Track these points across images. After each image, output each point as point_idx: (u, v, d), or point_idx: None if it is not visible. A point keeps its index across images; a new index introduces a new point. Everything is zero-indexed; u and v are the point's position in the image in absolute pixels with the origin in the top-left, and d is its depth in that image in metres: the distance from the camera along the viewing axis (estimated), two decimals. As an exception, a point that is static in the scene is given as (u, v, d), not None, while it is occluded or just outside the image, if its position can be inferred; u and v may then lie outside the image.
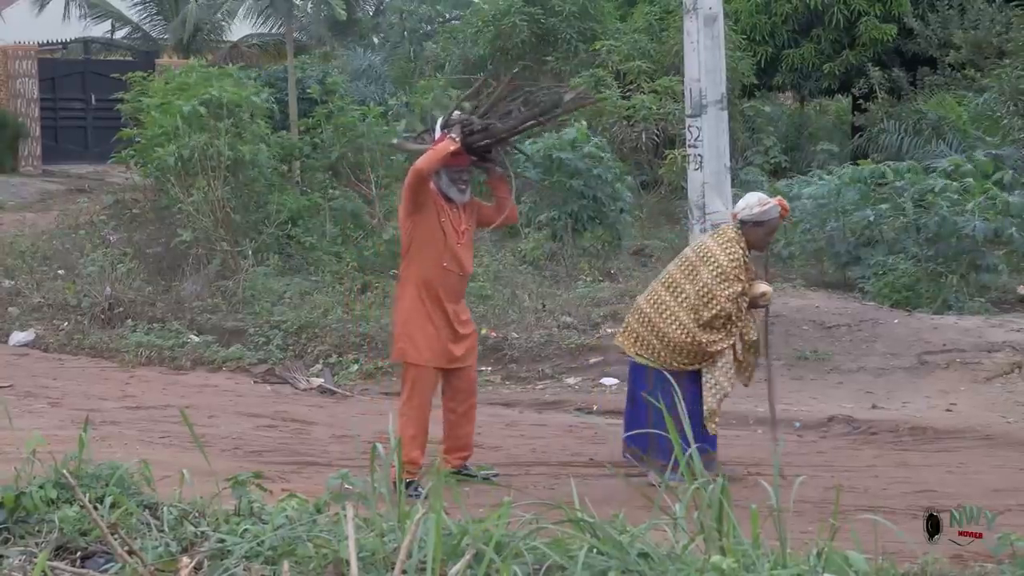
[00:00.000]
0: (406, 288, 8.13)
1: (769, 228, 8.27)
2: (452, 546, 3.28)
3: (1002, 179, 16.77)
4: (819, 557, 3.31)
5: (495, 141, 8.15)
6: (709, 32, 14.33)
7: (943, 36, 26.76)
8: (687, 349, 8.04)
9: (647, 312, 8.24)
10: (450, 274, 8.08)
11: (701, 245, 8.35)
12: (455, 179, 8.07)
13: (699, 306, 7.99)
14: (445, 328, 8.08)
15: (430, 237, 8.00)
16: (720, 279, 8.00)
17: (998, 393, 10.93)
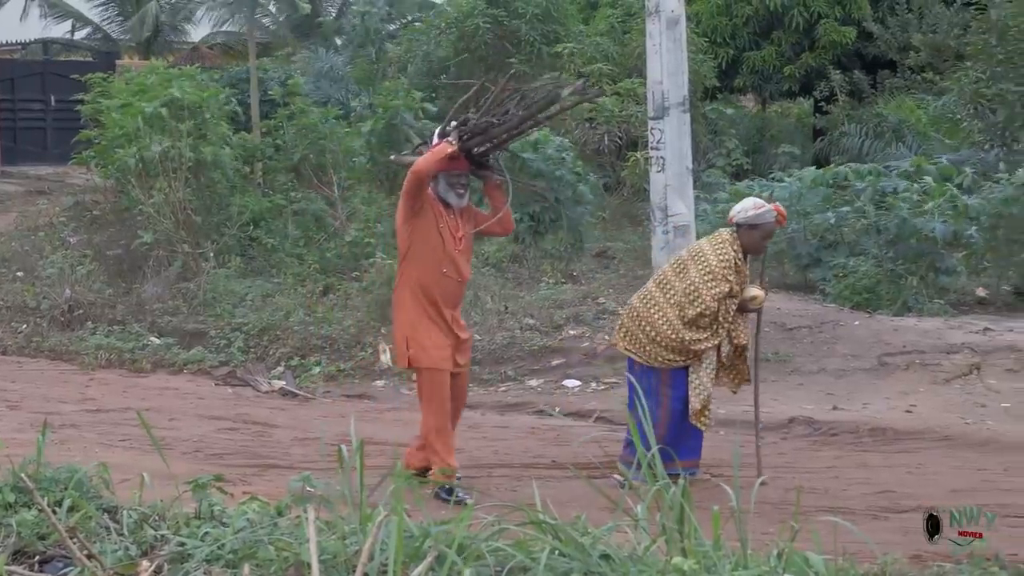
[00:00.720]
0: (404, 294, 8.10)
1: (764, 232, 8.28)
2: (414, 548, 3.28)
3: (962, 182, 16.91)
4: (779, 558, 3.32)
5: (494, 145, 8.13)
6: (671, 34, 14.38)
7: (902, 39, 26.96)
8: (672, 345, 8.09)
9: (637, 308, 8.33)
10: (448, 280, 8.06)
11: (695, 246, 8.47)
12: (453, 184, 8.05)
13: (684, 303, 8.04)
14: (447, 333, 8.08)
15: (428, 243, 7.97)
16: (708, 278, 8.04)
17: (957, 394, 11.01)
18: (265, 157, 18.58)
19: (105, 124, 17.29)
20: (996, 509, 7.35)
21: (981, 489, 8.02)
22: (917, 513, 7.40)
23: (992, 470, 8.67)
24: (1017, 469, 8.71)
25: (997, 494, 7.85)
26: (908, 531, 6.92)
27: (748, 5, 25.85)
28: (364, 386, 12.48)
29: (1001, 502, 7.61)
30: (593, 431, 9.99)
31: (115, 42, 35.30)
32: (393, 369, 12.72)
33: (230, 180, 17.01)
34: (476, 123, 7.96)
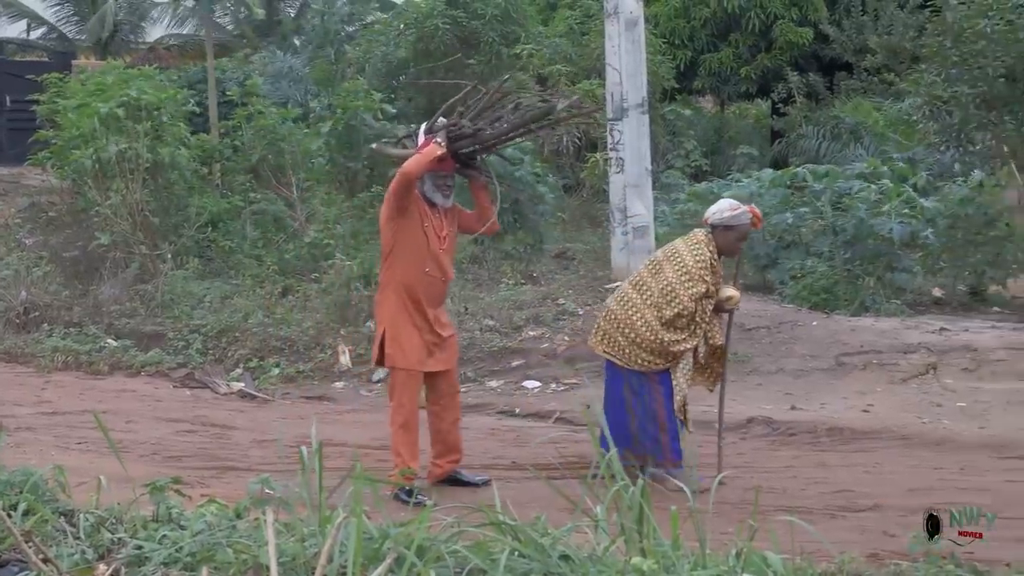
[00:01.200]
0: (387, 293, 8.08)
1: (739, 233, 8.31)
2: (373, 550, 3.27)
3: (917, 183, 17.04)
4: (738, 557, 3.34)
5: (481, 148, 8.12)
6: (630, 36, 14.45)
7: (858, 41, 27.18)
8: (651, 347, 8.09)
9: (615, 310, 8.33)
10: (432, 279, 8.05)
11: (670, 246, 8.43)
12: (439, 184, 8.05)
13: (662, 304, 8.04)
14: (427, 331, 8.07)
15: (413, 242, 7.96)
16: (684, 278, 8.04)
17: (913, 394, 11.08)
18: (223, 158, 18.50)
19: (61, 125, 17.15)
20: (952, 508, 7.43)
21: (937, 488, 8.09)
22: (874, 512, 7.48)
23: (948, 469, 8.74)
24: (973, 468, 8.79)
25: (953, 493, 7.92)
26: (865, 530, 6.98)
27: (706, 7, 25.97)
28: (323, 388, 12.44)
29: (957, 501, 7.65)
30: (553, 432, 10.00)
31: (71, 42, 35.01)
32: (352, 370, 12.71)
33: (188, 181, 16.91)
34: (467, 126, 7.94)
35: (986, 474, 8.59)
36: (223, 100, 20.14)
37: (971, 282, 16.06)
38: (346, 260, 14.03)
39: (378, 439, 9.83)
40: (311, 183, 17.88)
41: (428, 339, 8.07)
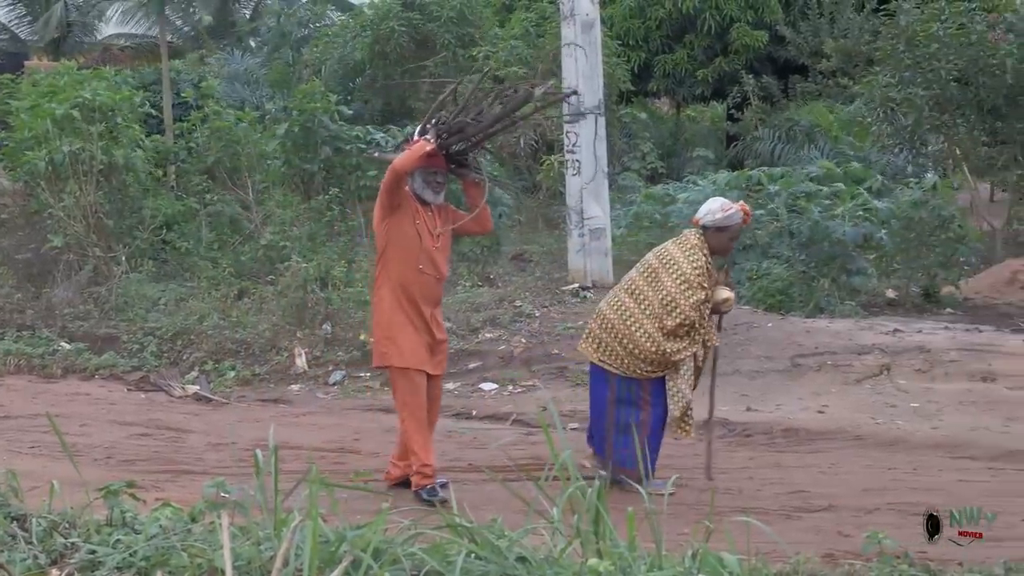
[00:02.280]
0: (383, 291, 8.03)
1: (732, 233, 8.22)
2: (329, 553, 3.26)
3: (871, 185, 17.18)
4: (694, 558, 3.35)
5: (471, 144, 8.10)
6: (586, 38, 14.48)
7: (814, 44, 27.35)
8: (651, 358, 8.00)
9: (611, 319, 8.19)
10: (426, 277, 8.00)
11: (663, 251, 8.29)
12: (429, 181, 8.02)
13: (663, 315, 7.93)
14: (424, 332, 8.02)
15: (405, 240, 7.92)
16: (684, 287, 7.94)
17: (868, 394, 11.16)
18: (178, 160, 18.41)
19: (13, 126, 17.00)
20: (905, 508, 7.51)
21: (891, 488, 8.15)
22: (829, 512, 7.53)
23: (902, 469, 8.81)
24: (925, 468, 8.86)
25: (906, 492, 7.98)
26: (820, 530, 7.02)
27: (661, 8, 26.03)
28: (279, 390, 12.39)
29: (910, 500, 7.73)
30: (509, 434, 10.00)
31: (23, 43, 34.73)
32: (309, 373, 12.67)
33: (142, 183, 16.80)
34: (452, 122, 7.93)
35: (939, 474, 8.67)
36: (178, 102, 20.03)
37: (924, 283, 16.20)
38: (302, 262, 13.98)
39: (334, 441, 9.81)
40: (267, 185, 17.81)
41: (426, 339, 8.03)
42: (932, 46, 19.72)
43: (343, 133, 17.62)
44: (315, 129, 17.15)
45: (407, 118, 22.83)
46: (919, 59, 19.88)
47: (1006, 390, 11.12)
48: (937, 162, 21.92)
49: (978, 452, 9.32)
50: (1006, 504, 7.62)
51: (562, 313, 13.95)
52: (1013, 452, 9.24)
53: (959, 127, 20.48)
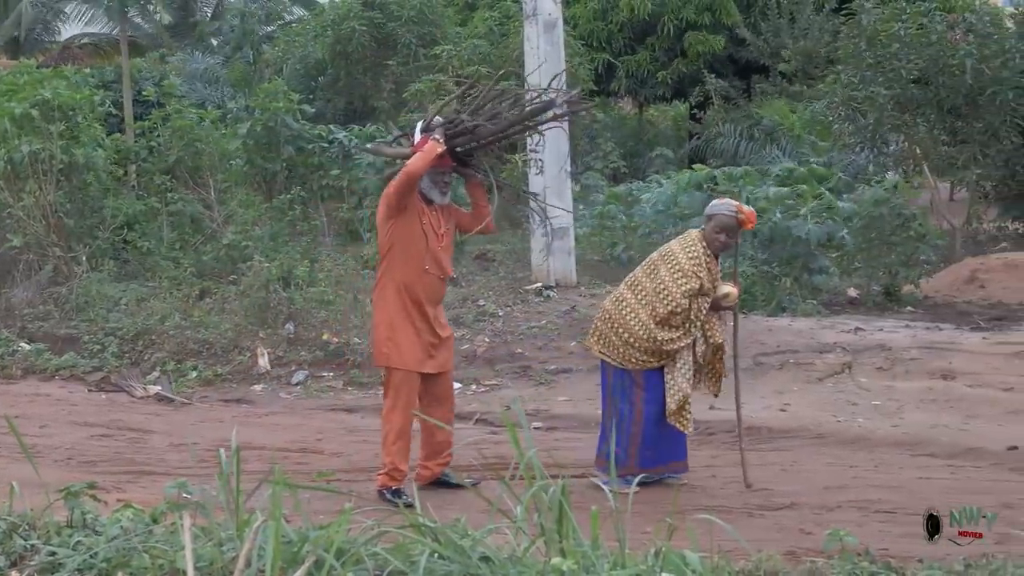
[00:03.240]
0: (386, 292, 7.96)
1: (718, 224, 8.12)
2: (292, 553, 3.25)
3: (834, 184, 17.28)
4: (657, 557, 3.36)
5: (479, 144, 8.05)
6: (549, 38, 14.50)
7: (774, 44, 27.48)
8: (645, 346, 8.00)
9: (609, 310, 8.24)
10: (431, 277, 7.95)
11: (665, 247, 8.33)
12: (436, 181, 7.97)
13: (655, 302, 7.95)
14: (427, 331, 7.97)
15: (411, 240, 7.87)
16: (678, 275, 7.94)
17: (829, 393, 11.22)
18: (139, 159, 18.30)
19: (-29, 126, 16.87)
20: (866, 505, 7.56)
21: (852, 485, 8.19)
22: (791, 510, 7.56)
23: (863, 467, 8.86)
24: (886, 465, 8.91)
25: (867, 490, 8.03)
26: (782, 528, 7.05)
27: (623, 11, 26.11)
28: (242, 390, 12.34)
29: (871, 498, 7.78)
30: (473, 434, 9.99)
31: (-19, 42, 34.45)
32: (271, 373, 12.62)
33: (103, 182, 16.71)
34: (465, 123, 7.88)
35: (899, 471, 8.72)
36: (138, 100, 19.92)
37: (885, 282, 16.31)
38: (265, 262, 13.94)
39: (297, 442, 9.78)
40: (229, 185, 17.75)
41: (427, 339, 7.97)
42: (893, 46, 19.87)
43: (305, 132, 17.59)
44: (277, 128, 17.10)
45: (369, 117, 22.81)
46: (880, 59, 20.03)
47: (966, 388, 11.21)
48: (898, 161, 22.09)
49: (938, 450, 9.39)
50: (965, 501, 7.66)
51: (525, 312, 13.96)
52: (973, 450, 9.32)
53: (919, 127, 20.64)
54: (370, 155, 16.57)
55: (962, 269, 18.40)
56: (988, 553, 4.84)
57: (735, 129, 25.50)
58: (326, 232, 17.75)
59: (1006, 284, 17.46)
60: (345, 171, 17.54)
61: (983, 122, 19.93)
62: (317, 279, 14.01)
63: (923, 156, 21.37)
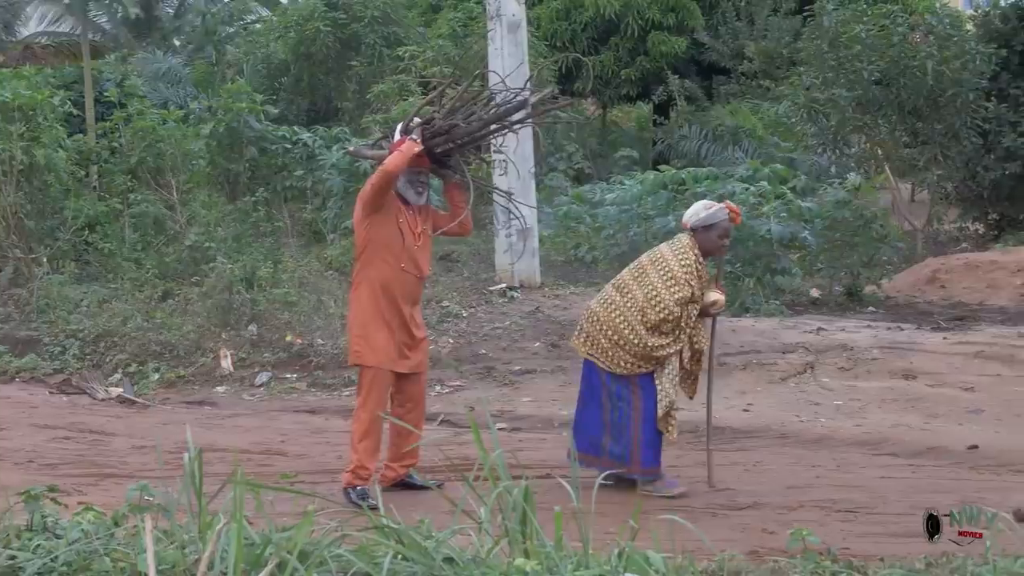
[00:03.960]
0: (361, 291, 7.93)
1: (720, 231, 8.12)
2: (255, 556, 3.24)
3: (796, 185, 17.37)
4: (620, 557, 3.36)
5: (457, 145, 8.03)
6: (513, 38, 14.52)
7: (735, 46, 27.61)
8: (634, 351, 7.96)
9: (597, 312, 8.15)
10: (408, 276, 7.92)
11: (655, 252, 8.24)
12: (413, 181, 7.93)
13: (646, 308, 7.88)
14: (402, 331, 7.93)
15: (388, 239, 7.83)
16: (670, 283, 7.87)
17: (792, 393, 11.28)
18: (101, 160, 18.19)
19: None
20: (828, 505, 7.59)
21: (815, 485, 8.23)
22: (754, 510, 7.59)
23: (825, 466, 8.90)
24: (849, 465, 8.97)
25: (830, 490, 8.07)
26: (745, 528, 7.07)
27: (586, 11, 26.16)
28: (205, 392, 12.28)
29: (833, 497, 7.82)
30: (438, 435, 9.98)
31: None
32: (235, 375, 12.57)
33: (64, 183, 16.60)
34: (441, 123, 7.87)
35: (861, 471, 8.77)
36: (100, 100, 19.80)
37: (847, 282, 16.40)
38: (228, 263, 13.88)
39: (261, 444, 9.74)
40: (192, 186, 17.67)
41: (401, 339, 7.94)
42: (854, 47, 20.01)
43: (269, 133, 17.53)
44: (240, 129, 17.03)
45: (333, 118, 22.75)
46: (841, 60, 20.16)
47: (926, 387, 11.29)
48: (860, 162, 22.23)
49: (900, 449, 9.45)
50: (926, 500, 7.72)
51: (489, 313, 13.97)
52: (933, 448, 9.39)
53: (881, 128, 20.79)
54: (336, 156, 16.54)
55: (923, 269, 18.54)
56: (948, 552, 4.87)
57: (699, 131, 25.59)
58: (290, 233, 17.71)
59: (967, 284, 17.61)
60: (309, 172, 17.50)
61: (944, 123, 20.10)
62: (281, 280, 13.97)
63: (885, 157, 21.52)
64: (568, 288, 15.52)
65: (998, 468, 8.77)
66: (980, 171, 21.22)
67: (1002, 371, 11.73)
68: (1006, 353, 12.16)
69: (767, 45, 27.02)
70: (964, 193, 22.20)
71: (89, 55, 21.04)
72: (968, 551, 4.48)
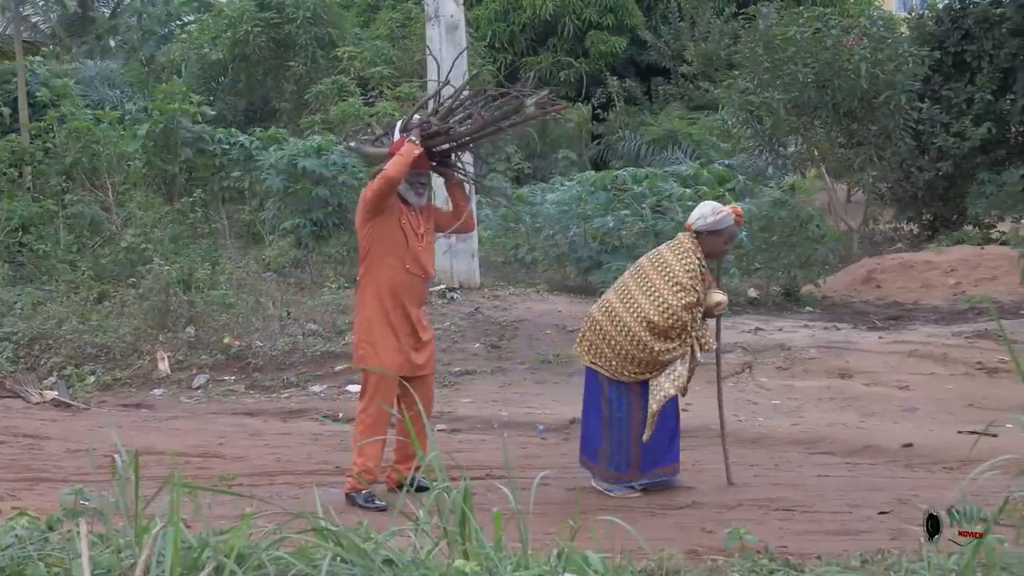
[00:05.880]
0: (367, 293, 7.87)
1: (727, 236, 8.07)
2: (192, 560, 3.21)
3: (734, 186, 17.49)
4: (559, 557, 3.37)
5: (455, 145, 8.00)
6: (451, 39, 14.51)
7: (675, 47, 27.75)
8: (639, 358, 7.88)
9: (600, 320, 8.06)
10: (413, 277, 7.88)
11: (656, 254, 8.18)
12: (412, 182, 7.88)
13: (652, 314, 7.81)
14: (408, 335, 7.88)
15: (392, 241, 7.79)
16: (676, 289, 7.81)
17: (730, 392, 11.33)
18: (35, 160, 17.98)
19: None
20: (766, 503, 7.65)
21: (753, 484, 8.29)
22: (693, 509, 7.63)
23: (763, 465, 8.97)
24: (786, 463, 9.04)
25: (768, 488, 8.13)
26: (684, 527, 7.11)
27: (524, 12, 26.20)
28: (142, 395, 12.19)
29: (771, 496, 7.88)
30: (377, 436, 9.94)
31: None
32: (172, 377, 12.48)
33: (-3, 184, 16.42)
34: (439, 124, 7.84)
35: (799, 469, 8.85)
36: (33, 100, 19.57)
37: (785, 283, 16.54)
38: (165, 265, 13.77)
39: (198, 446, 9.67)
40: (128, 187, 17.51)
41: (407, 341, 7.90)
42: (789, 50, 20.18)
43: (205, 134, 17.41)
44: (176, 130, 16.91)
45: (271, 119, 22.64)
46: (778, 63, 20.32)
47: (862, 386, 11.41)
48: (796, 164, 22.43)
49: (836, 447, 9.55)
50: (862, 497, 7.82)
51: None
52: (869, 447, 9.49)
53: (816, 129, 20.99)
54: (275, 157, 16.45)
55: (859, 269, 18.75)
56: (883, 549, 4.93)
57: (637, 133, 25.71)
58: (228, 235, 17.60)
59: (901, 284, 17.82)
60: (247, 173, 17.41)
61: (878, 125, 20.32)
62: (218, 282, 13.88)
63: (820, 158, 21.73)
64: (508, 289, 15.54)
65: (932, 465, 8.88)
66: (914, 172, 21.49)
67: (936, 370, 11.87)
68: (939, 352, 12.31)
69: (708, 47, 27.19)
70: (899, 193, 22.46)
71: (22, 53, 20.74)
72: (902, 548, 4.53)
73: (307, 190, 16.19)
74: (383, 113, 19.49)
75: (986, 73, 21.14)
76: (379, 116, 19.63)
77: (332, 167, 16.23)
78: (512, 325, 13.66)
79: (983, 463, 3.49)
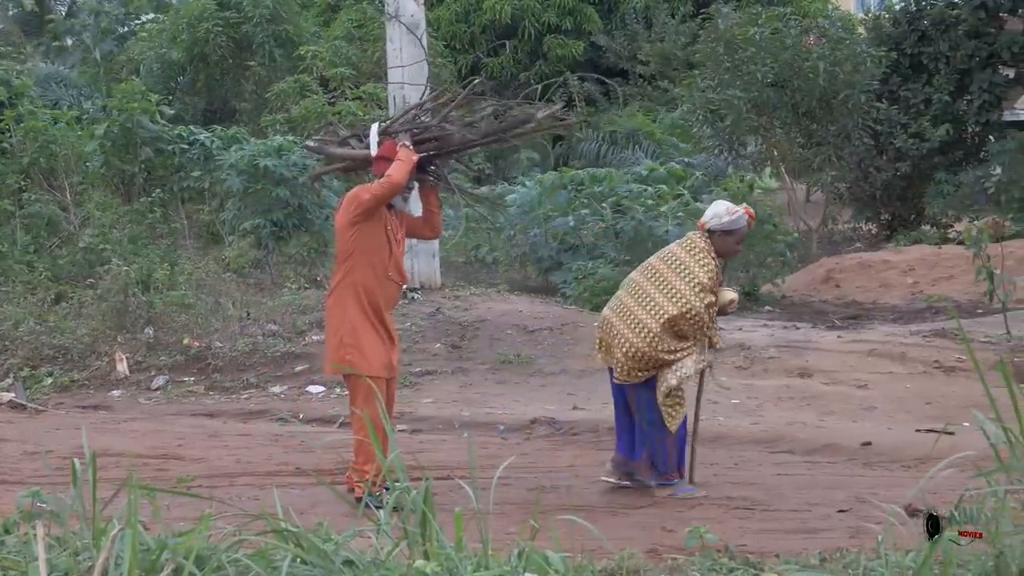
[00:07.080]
0: (346, 297, 7.79)
1: (740, 236, 8.06)
2: (151, 562, 3.19)
3: (693, 185, 17.57)
4: (520, 557, 3.37)
5: (443, 152, 7.96)
6: (412, 39, 14.48)
7: (632, 49, 27.86)
8: (649, 356, 7.83)
9: (615, 323, 8.00)
10: (391, 284, 7.87)
11: (669, 254, 8.12)
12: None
13: (674, 312, 7.77)
14: (387, 337, 7.87)
15: (377, 247, 7.74)
16: (698, 290, 7.76)
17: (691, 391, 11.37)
18: (-10, 161, 17.85)
19: None
20: (726, 502, 7.68)
21: (713, 483, 8.31)
22: (653, 508, 7.65)
23: (723, 464, 9.00)
24: (746, 462, 9.08)
25: (728, 487, 8.16)
26: (644, 526, 7.13)
27: (484, 14, 26.24)
28: (100, 396, 12.10)
29: (731, 495, 7.92)
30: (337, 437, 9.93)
31: None
32: (130, 378, 12.39)
33: (-49, 185, 16.27)
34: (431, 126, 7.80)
35: (758, 468, 8.88)
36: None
37: (744, 282, 16.59)
38: (123, 265, 13.67)
39: (157, 448, 9.61)
40: (86, 187, 17.39)
41: (387, 345, 7.91)
42: (749, 50, 20.28)
43: (164, 134, 17.32)
44: (135, 130, 16.81)
45: (231, 118, 22.54)
46: (737, 63, 20.42)
47: (821, 385, 11.47)
48: (756, 163, 22.54)
49: (796, 446, 9.59)
50: (821, 496, 7.87)
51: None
52: (828, 445, 9.53)
53: (776, 129, 21.10)
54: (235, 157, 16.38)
55: (818, 269, 18.85)
56: (842, 547, 4.95)
57: (597, 135, 25.77)
58: (187, 235, 17.50)
59: (860, 284, 17.93)
60: (206, 173, 17.32)
61: (836, 125, 20.46)
62: (178, 282, 13.81)
63: (780, 158, 21.84)
64: (469, 289, 15.53)
65: (890, 464, 8.93)
66: (872, 172, 21.64)
67: (894, 369, 11.95)
68: (898, 351, 12.39)
69: (663, 47, 27.30)
70: (857, 193, 22.60)
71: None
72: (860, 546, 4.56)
73: (267, 190, 16.13)
74: (346, 112, 19.49)
75: (943, 74, 21.33)
76: (342, 115, 19.65)
77: (293, 168, 16.17)
78: (473, 325, 13.66)
79: (941, 461, 3.51)
